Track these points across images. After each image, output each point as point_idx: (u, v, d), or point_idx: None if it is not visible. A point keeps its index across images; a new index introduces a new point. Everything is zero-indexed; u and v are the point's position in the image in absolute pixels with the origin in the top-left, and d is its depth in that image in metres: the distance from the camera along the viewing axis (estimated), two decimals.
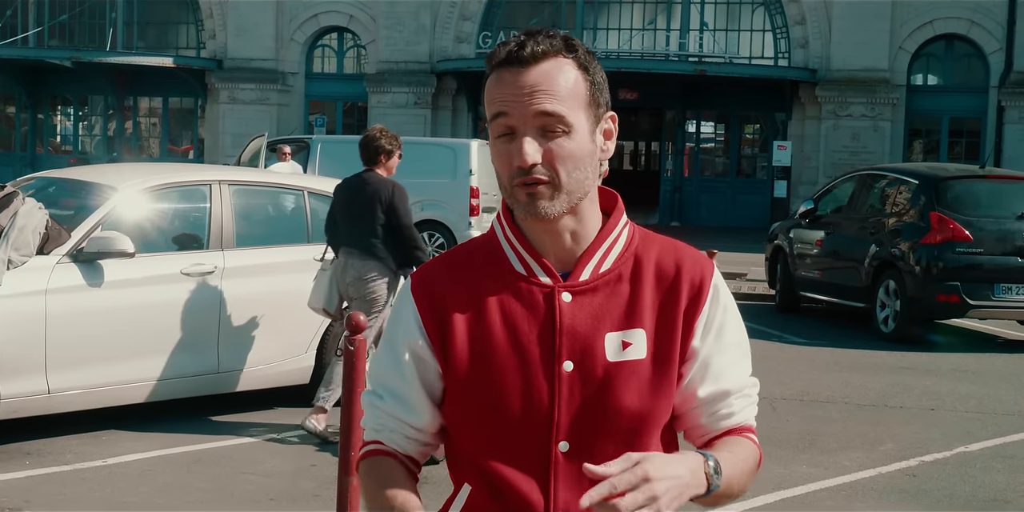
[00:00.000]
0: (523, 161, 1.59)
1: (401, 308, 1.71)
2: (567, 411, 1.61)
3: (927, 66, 23.82)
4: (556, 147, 1.60)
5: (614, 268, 1.66)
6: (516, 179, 1.61)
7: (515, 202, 1.63)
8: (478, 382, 1.63)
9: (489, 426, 1.63)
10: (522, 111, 1.59)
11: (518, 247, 1.67)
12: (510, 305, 1.64)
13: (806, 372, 8.91)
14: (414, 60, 24.52)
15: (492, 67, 1.64)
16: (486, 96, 1.65)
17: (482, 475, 1.64)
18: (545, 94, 1.59)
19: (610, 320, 1.63)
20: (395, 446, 1.71)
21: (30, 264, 6.02)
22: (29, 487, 5.39)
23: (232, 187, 6.97)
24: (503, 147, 1.62)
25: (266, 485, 5.50)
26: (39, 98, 28.59)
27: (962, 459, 6.34)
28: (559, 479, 1.62)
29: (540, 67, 1.61)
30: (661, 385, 1.64)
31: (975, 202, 10.65)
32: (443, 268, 1.71)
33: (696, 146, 25.49)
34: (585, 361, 1.62)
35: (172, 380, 6.50)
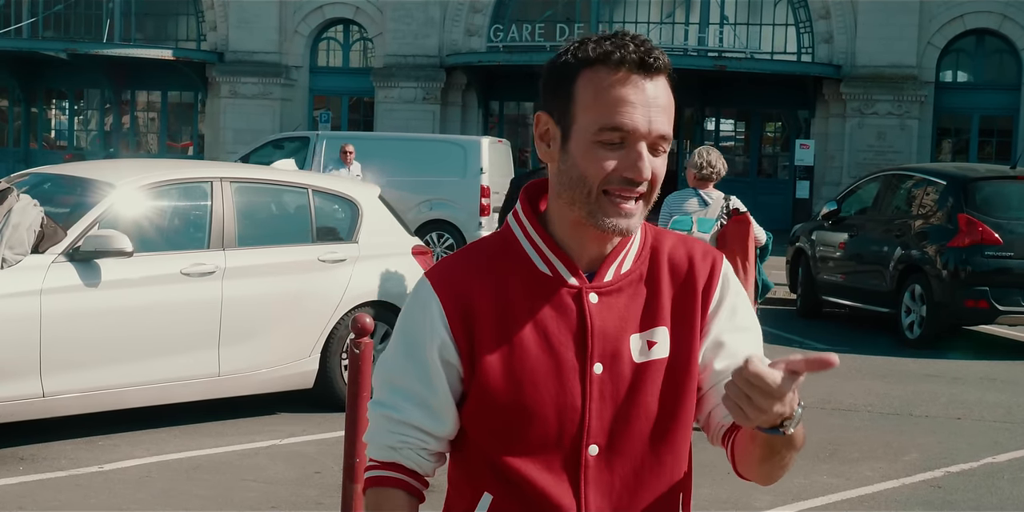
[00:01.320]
0: (640, 175, 1.58)
1: (422, 307, 1.66)
2: (598, 414, 1.62)
3: (957, 62, 23.53)
4: (659, 164, 1.61)
5: (634, 268, 1.67)
6: (615, 187, 1.58)
7: (598, 212, 1.59)
8: (510, 386, 1.61)
9: (520, 430, 1.62)
10: (647, 128, 1.57)
11: (542, 247, 1.65)
12: (538, 306, 1.63)
13: (828, 379, 8.77)
14: (423, 54, 24.34)
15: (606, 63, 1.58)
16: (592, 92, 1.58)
17: (507, 482, 1.63)
18: (664, 114, 1.59)
19: (634, 321, 1.64)
20: (414, 466, 1.67)
21: (25, 263, 5.95)
22: (23, 494, 5.34)
23: (234, 184, 6.87)
24: (606, 153, 1.58)
25: (268, 492, 5.45)
26: (33, 91, 28.46)
27: (989, 470, 6.26)
28: (589, 483, 1.62)
29: (660, 81, 1.60)
30: (685, 382, 1.66)
31: (1005, 204, 10.48)
32: (463, 267, 1.68)
33: (716, 144, 25.29)
34: (614, 363, 1.62)
35: (171, 384, 6.41)
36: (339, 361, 6.97)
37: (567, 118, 1.60)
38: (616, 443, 1.63)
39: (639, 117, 1.56)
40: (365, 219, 7.34)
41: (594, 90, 1.58)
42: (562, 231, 1.65)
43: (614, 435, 1.62)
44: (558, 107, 1.61)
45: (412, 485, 1.67)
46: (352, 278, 7.04)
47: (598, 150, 1.57)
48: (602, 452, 1.62)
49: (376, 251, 7.22)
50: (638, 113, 1.56)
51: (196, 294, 6.45)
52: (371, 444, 1.69)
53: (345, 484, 4.40)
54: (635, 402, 1.63)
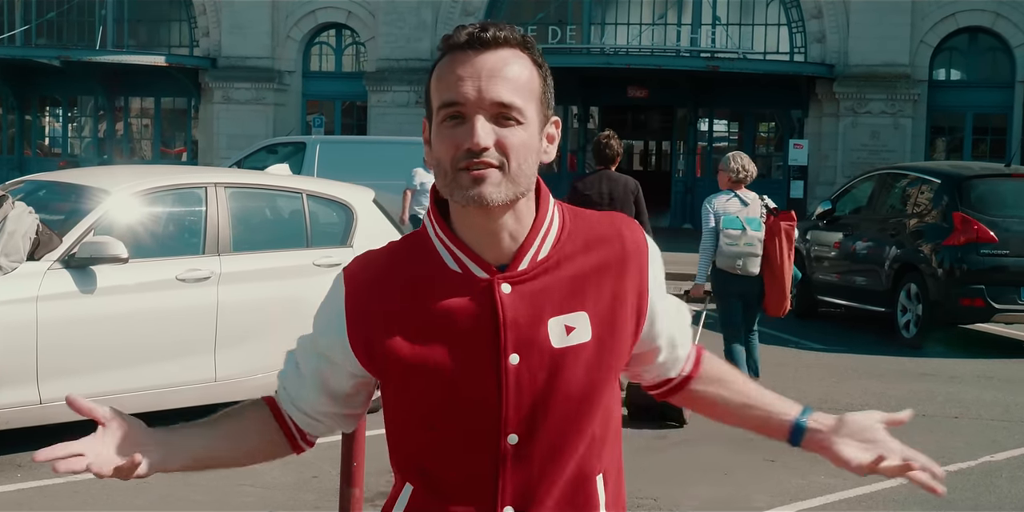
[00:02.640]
0: (475, 143, 1.55)
1: (330, 300, 1.70)
2: (515, 404, 1.60)
3: (950, 60, 23.54)
4: (510, 135, 1.57)
5: (552, 254, 1.64)
6: (462, 162, 1.56)
7: (456, 188, 1.58)
8: (421, 383, 1.62)
9: (435, 428, 1.63)
10: (478, 96, 1.56)
11: (449, 244, 1.64)
12: (449, 302, 1.62)
13: (824, 379, 8.79)
14: (415, 57, 24.31)
15: (449, 49, 1.60)
16: (436, 80, 1.60)
17: (424, 476, 1.65)
18: (503, 81, 1.57)
19: (551, 305, 1.62)
20: (283, 405, 1.78)
21: (20, 270, 5.93)
22: (21, 501, 5.33)
23: (228, 190, 6.86)
24: (448, 132, 1.58)
25: (266, 497, 5.43)
26: (27, 99, 28.37)
27: (987, 469, 6.26)
28: (508, 472, 1.62)
29: (500, 53, 1.58)
30: (607, 362, 1.65)
31: (1000, 202, 10.47)
32: (378, 263, 1.69)
33: (708, 145, 25.28)
34: (531, 352, 1.61)
35: (167, 389, 6.39)
36: None
37: (430, 114, 1.63)
38: (536, 431, 1.61)
39: (468, 88, 1.55)
40: (360, 223, 7.33)
41: (436, 77, 1.60)
42: (461, 227, 1.64)
43: (533, 423, 1.61)
44: (426, 107, 1.64)
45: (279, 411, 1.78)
46: None
47: (443, 131, 1.58)
48: (521, 441, 1.61)
49: None
50: (467, 85, 1.56)
51: (191, 300, 6.43)
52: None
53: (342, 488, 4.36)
54: (555, 388, 1.61)
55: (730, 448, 6.49)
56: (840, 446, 1.70)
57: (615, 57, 23.80)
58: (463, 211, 1.61)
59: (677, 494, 5.51)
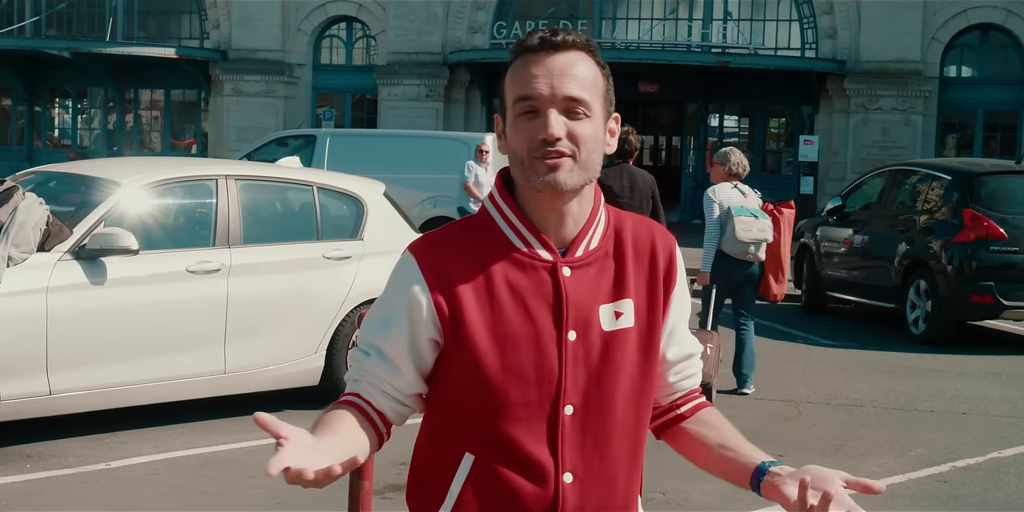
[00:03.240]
0: (549, 134, 1.72)
1: (402, 275, 1.79)
2: (572, 377, 1.76)
3: (961, 57, 23.45)
4: (579, 127, 1.75)
5: (600, 245, 1.81)
6: (538, 151, 1.73)
7: (533, 174, 1.74)
8: (495, 350, 1.74)
9: (503, 392, 1.74)
10: (550, 92, 1.74)
11: (517, 224, 1.79)
12: (516, 279, 1.77)
13: (833, 375, 8.77)
14: (426, 51, 24.28)
15: (521, 52, 1.78)
16: (511, 78, 1.78)
17: (489, 441, 1.75)
18: (573, 79, 1.75)
19: (603, 293, 1.79)
20: (369, 398, 1.80)
21: (31, 261, 5.94)
22: (30, 491, 5.33)
23: (239, 182, 6.85)
24: (524, 124, 1.75)
25: (274, 489, 5.42)
26: (36, 90, 28.34)
27: (995, 465, 6.24)
28: (565, 441, 1.76)
29: (568, 55, 1.77)
30: (649, 350, 1.83)
31: (1011, 199, 10.43)
32: (444, 241, 1.81)
33: (719, 140, 25.20)
34: (586, 331, 1.77)
35: (177, 381, 6.40)
36: (344, 358, 6.96)
37: (504, 110, 1.80)
38: (589, 404, 1.77)
39: (542, 84, 1.74)
40: (370, 216, 7.33)
41: (511, 76, 1.78)
42: (531, 211, 1.79)
43: (587, 397, 1.77)
44: (501, 104, 1.81)
45: (362, 407, 1.78)
46: (357, 275, 7.04)
47: (519, 123, 1.75)
48: (576, 412, 1.76)
49: (381, 248, 7.20)
50: (541, 81, 1.74)
51: (202, 292, 6.43)
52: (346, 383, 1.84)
53: (352, 481, 4.37)
54: (605, 366, 1.78)
55: None
56: (789, 487, 1.75)
57: (626, 52, 23.73)
58: (535, 195, 1.77)
59: (686, 489, 5.51)
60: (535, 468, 1.75)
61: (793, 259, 12.84)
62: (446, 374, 1.78)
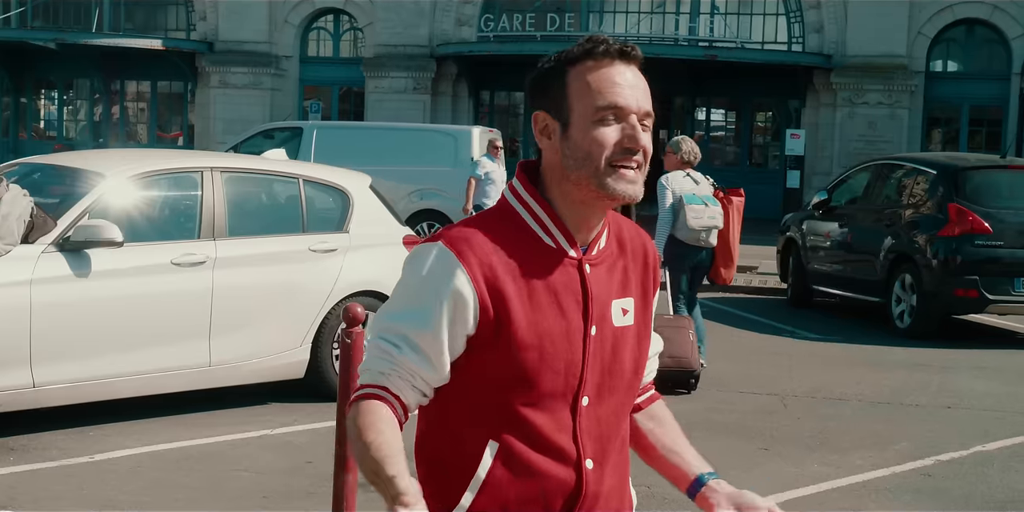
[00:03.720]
0: (637, 144, 1.82)
1: (441, 268, 1.78)
2: (591, 370, 1.84)
3: (947, 52, 23.52)
4: (647, 139, 1.85)
5: (607, 246, 1.90)
6: (619, 158, 1.80)
7: (608, 181, 1.80)
8: (534, 342, 1.79)
9: (536, 382, 1.80)
10: (637, 106, 1.82)
11: (546, 220, 1.85)
12: (548, 274, 1.83)
13: (818, 368, 8.79)
14: (413, 44, 24.22)
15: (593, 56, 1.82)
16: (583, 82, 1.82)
17: (515, 430, 1.80)
18: (645, 94, 1.86)
19: (614, 289, 1.89)
20: (398, 392, 1.79)
21: (14, 253, 5.91)
22: (13, 484, 5.31)
23: (224, 174, 6.83)
24: (606, 130, 1.81)
25: (259, 482, 5.41)
26: (22, 81, 28.19)
27: (979, 459, 6.26)
28: (583, 430, 1.84)
29: (634, 68, 1.87)
30: (643, 347, 1.94)
31: (995, 193, 10.46)
32: (479, 236, 1.82)
33: (706, 134, 25.23)
34: (603, 326, 1.86)
35: (162, 374, 6.38)
36: (330, 351, 6.95)
37: (564, 110, 1.82)
38: (601, 395, 1.87)
39: (629, 96, 1.82)
40: (356, 209, 7.31)
41: (586, 80, 1.82)
42: (564, 209, 1.85)
43: (600, 388, 1.86)
44: (553, 103, 1.84)
45: (394, 405, 1.78)
46: (343, 268, 7.02)
47: (598, 128, 1.80)
48: (591, 403, 1.85)
49: (367, 241, 7.19)
50: (627, 92, 1.82)
51: (187, 284, 6.41)
52: (364, 372, 1.81)
53: (337, 474, 4.36)
54: (615, 360, 1.88)
55: (724, 437, 6.50)
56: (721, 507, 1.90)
57: None
58: (582, 197, 1.83)
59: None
60: (561, 454, 1.83)
61: (779, 253, 12.89)
62: (476, 366, 1.81)
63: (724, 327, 10.53)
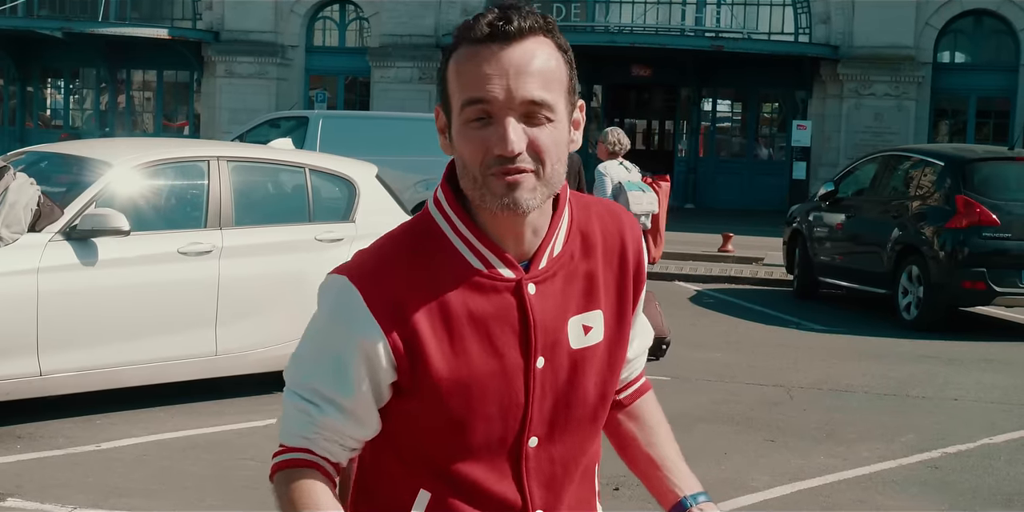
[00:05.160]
0: (507, 149, 1.47)
1: (345, 313, 1.53)
2: (539, 407, 1.58)
3: (955, 43, 23.42)
4: (541, 135, 1.49)
5: (565, 250, 1.59)
6: (493, 168, 1.48)
7: (488, 195, 1.50)
8: (457, 389, 1.54)
9: (464, 432, 1.56)
10: (507, 96, 1.47)
11: (472, 240, 1.55)
12: (476, 305, 1.54)
13: (825, 360, 8.78)
14: (419, 34, 24.18)
15: (467, 41, 1.50)
16: (454, 74, 1.51)
17: (448, 481, 1.58)
18: (532, 78, 1.48)
19: (571, 304, 1.59)
20: (326, 454, 1.58)
21: (21, 242, 5.90)
22: (20, 472, 5.31)
23: (231, 163, 6.82)
24: (475, 133, 1.49)
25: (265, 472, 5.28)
26: (28, 70, 28.16)
27: (986, 451, 6.24)
28: (531, 474, 1.59)
29: (525, 45, 1.49)
30: (614, 364, 1.64)
31: (1003, 185, 10.43)
32: (386, 266, 1.55)
33: (712, 125, 25.19)
34: (554, 354, 1.57)
35: (168, 363, 6.38)
36: None
37: (447, 106, 1.53)
38: (554, 432, 1.60)
39: (495, 87, 1.46)
40: (362, 199, 7.30)
41: (456, 70, 1.50)
42: (484, 220, 1.54)
43: (553, 425, 1.59)
44: (442, 96, 1.55)
45: (325, 468, 1.57)
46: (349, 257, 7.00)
47: (468, 131, 1.49)
48: (541, 443, 1.59)
49: (373, 230, 7.16)
50: (494, 83, 1.46)
51: (193, 273, 6.40)
52: (284, 431, 1.60)
53: None
54: (572, 390, 1.59)
55: (730, 428, 6.49)
56: None
57: (619, 35, 23.64)
58: (490, 213, 1.53)
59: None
60: (502, 506, 1.58)
61: (785, 245, 12.87)
62: (402, 414, 1.57)
63: (730, 318, 10.52)
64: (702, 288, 12.67)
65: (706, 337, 9.45)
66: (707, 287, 12.78)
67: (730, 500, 5.10)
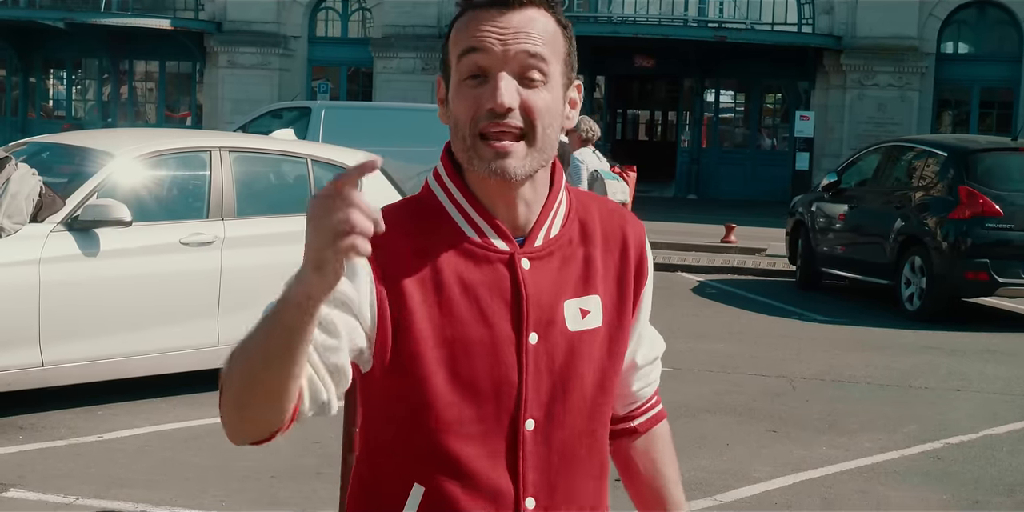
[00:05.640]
0: (498, 103, 1.44)
1: None
2: (534, 387, 1.52)
3: (958, 33, 23.36)
4: (534, 96, 1.47)
5: (563, 233, 1.57)
6: (483, 123, 1.46)
7: (476, 159, 1.48)
8: (444, 356, 1.49)
9: (455, 409, 1.49)
10: (503, 49, 1.46)
11: (468, 209, 1.53)
12: (468, 273, 1.51)
13: (827, 351, 8.78)
14: (421, 24, 24.15)
15: (470, 7, 1.50)
16: (454, 36, 1.50)
17: (439, 468, 1.51)
18: (529, 36, 1.47)
19: (568, 287, 1.55)
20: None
21: (23, 232, 5.90)
22: (22, 462, 5.32)
23: (233, 154, 6.81)
24: (469, 91, 1.47)
25: (267, 462, 5.40)
26: (31, 61, 28.17)
27: (988, 442, 6.24)
28: (527, 460, 1.53)
29: (526, 12, 1.49)
30: (615, 354, 1.60)
31: (1006, 176, 10.41)
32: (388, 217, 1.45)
33: (715, 116, 25.15)
34: (549, 332, 1.53)
35: (170, 353, 6.37)
36: None
37: (447, 72, 1.52)
38: (553, 416, 1.54)
39: (492, 39, 1.46)
40: (364, 189, 7.27)
41: (455, 33, 1.51)
42: (480, 192, 1.52)
43: (551, 408, 1.54)
44: (442, 66, 1.54)
45: None
46: None
47: (464, 89, 1.47)
48: (539, 426, 1.53)
49: None
50: (491, 37, 1.46)
51: (195, 264, 6.40)
52: None
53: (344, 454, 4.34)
54: (570, 373, 1.54)
55: (732, 419, 6.49)
56: None
57: (622, 26, 23.59)
58: (481, 179, 1.51)
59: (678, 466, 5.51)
60: (492, 494, 1.51)
61: (788, 235, 12.86)
62: (390, 394, 1.52)
63: (732, 309, 10.52)
64: (705, 279, 12.66)
65: (709, 328, 9.45)
66: (710, 278, 12.78)
67: (732, 491, 5.09)
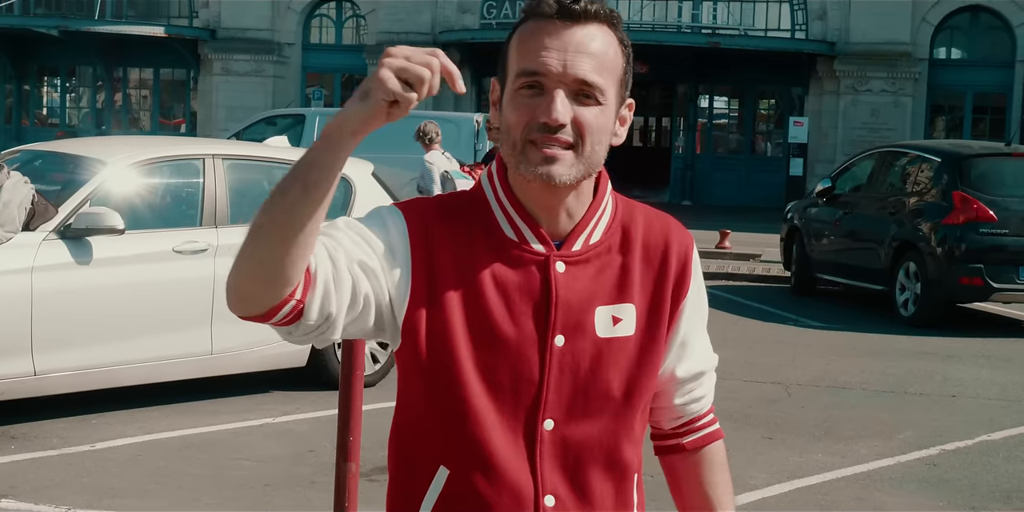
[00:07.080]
0: (552, 118, 1.51)
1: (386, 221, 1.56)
2: (556, 388, 1.56)
3: (951, 39, 23.43)
4: (587, 114, 1.53)
5: (603, 240, 1.61)
6: (535, 134, 1.52)
7: (524, 162, 1.53)
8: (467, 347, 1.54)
9: (476, 397, 1.55)
10: (561, 70, 1.52)
11: (510, 210, 1.59)
12: (502, 271, 1.57)
13: (822, 357, 8.77)
14: (415, 31, 24.17)
15: (534, 16, 1.55)
16: (517, 45, 1.56)
17: (465, 453, 1.56)
18: (589, 59, 1.53)
19: (602, 293, 1.59)
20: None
21: (15, 241, 5.89)
22: (14, 472, 5.31)
23: (226, 161, 6.81)
24: (524, 101, 1.53)
25: (261, 471, 5.40)
26: (25, 69, 28.17)
27: (984, 448, 6.25)
28: (544, 458, 1.57)
29: (588, 28, 1.54)
30: (647, 364, 1.62)
31: (1000, 181, 10.43)
32: (434, 210, 1.60)
33: (709, 122, 25.18)
34: (576, 336, 1.57)
35: (163, 362, 6.36)
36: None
37: (504, 77, 1.58)
38: (573, 419, 1.57)
39: (553, 60, 1.51)
40: (358, 196, 7.29)
41: (518, 41, 1.56)
42: (523, 196, 1.58)
43: (572, 410, 1.57)
44: (500, 69, 1.60)
45: None
46: None
47: (519, 98, 1.54)
48: (557, 427, 1.57)
49: None
50: (552, 56, 1.52)
51: (188, 272, 6.38)
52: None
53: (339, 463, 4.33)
54: (595, 378, 1.58)
55: (728, 425, 6.44)
56: None
57: None
58: (525, 183, 1.56)
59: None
60: (513, 488, 1.56)
61: (782, 241, 12.86)
62: (415, 371, 1.57)
63: (727, 315, 10.51)
64: None
65: None
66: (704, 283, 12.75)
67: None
